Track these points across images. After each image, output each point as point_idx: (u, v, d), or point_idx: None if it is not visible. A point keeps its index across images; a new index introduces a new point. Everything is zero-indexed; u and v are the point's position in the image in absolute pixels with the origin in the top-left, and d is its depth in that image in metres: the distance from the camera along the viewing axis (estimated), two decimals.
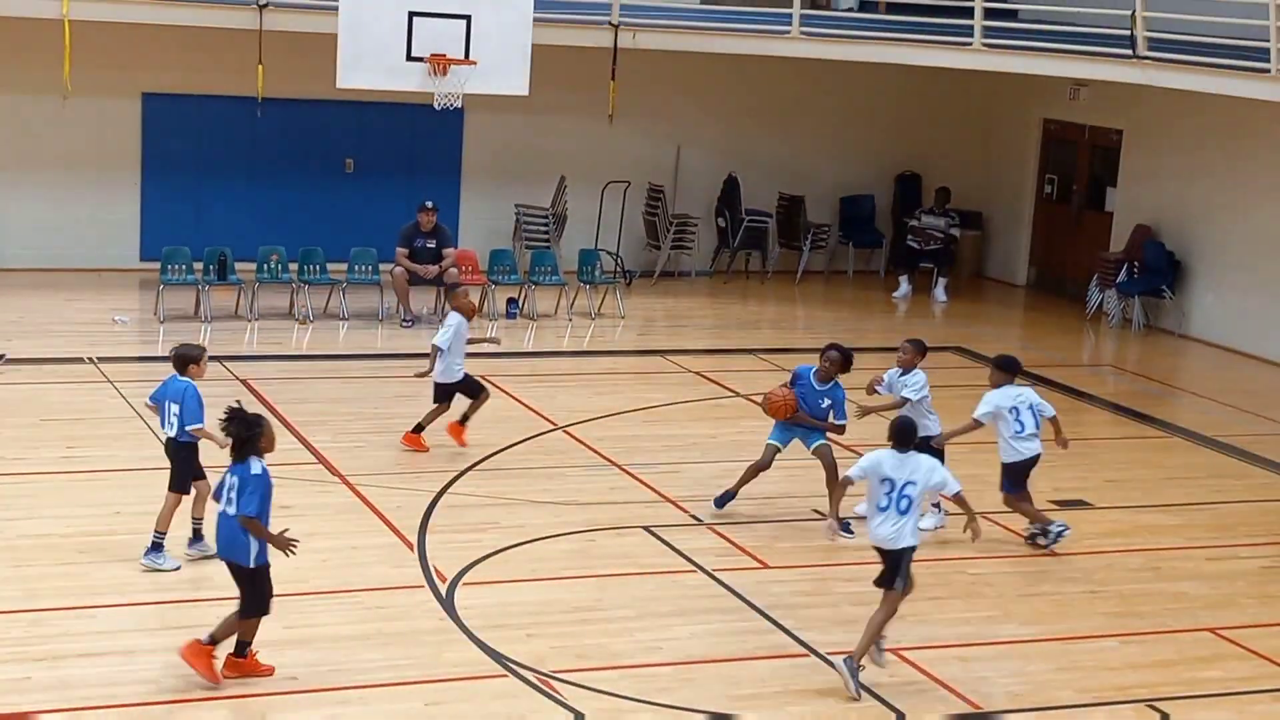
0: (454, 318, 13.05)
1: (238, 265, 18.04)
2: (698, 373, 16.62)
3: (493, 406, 13.68)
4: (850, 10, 22.37)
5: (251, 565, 8.68)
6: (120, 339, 16.91)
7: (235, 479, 8.70)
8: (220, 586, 10.01)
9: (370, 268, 18.59)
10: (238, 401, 9.05)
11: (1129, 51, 17.17)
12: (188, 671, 8.69)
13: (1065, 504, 12.63)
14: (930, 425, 11.52)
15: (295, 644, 9.21)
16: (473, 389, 13.15)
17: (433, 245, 18.06)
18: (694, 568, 10.88)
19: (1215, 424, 15.50)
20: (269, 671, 8.75)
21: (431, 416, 13.10)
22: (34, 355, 15.71)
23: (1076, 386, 16.78)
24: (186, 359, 10.44)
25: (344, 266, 18.54)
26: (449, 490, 12.22)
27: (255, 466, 8.69)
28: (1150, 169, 20.42)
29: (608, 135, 20.50)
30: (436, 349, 12.92)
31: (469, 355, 13.27)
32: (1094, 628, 10.25)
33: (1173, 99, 18.73)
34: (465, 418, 13.17)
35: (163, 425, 10.50)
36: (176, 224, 19.67)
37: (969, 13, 18.35)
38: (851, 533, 11.29)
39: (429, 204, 18.07)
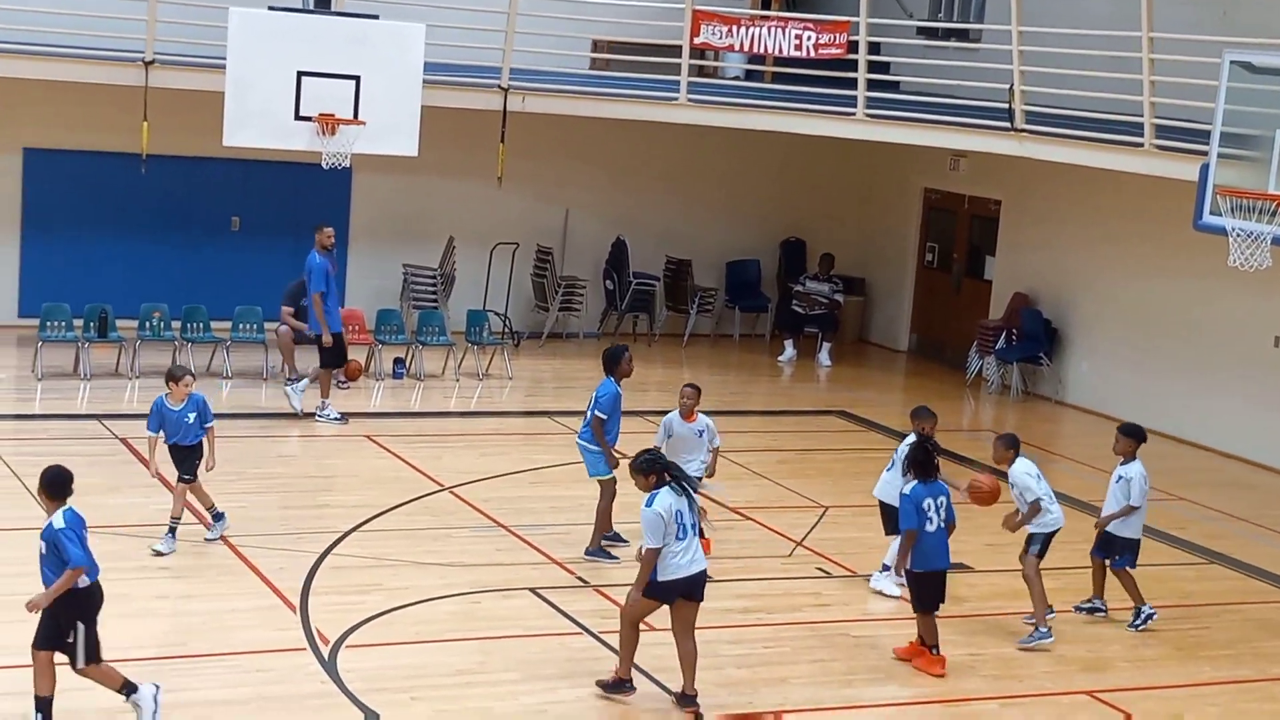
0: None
1: (119, 323, 17.78)
2: None
3: (378, 467, 13.62)
4: (737, 79, 22.70)
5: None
6: None
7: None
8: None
9: (255, 326, 18.42)
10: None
11: (1007, 124, 17.58)
12: None
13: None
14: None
15: (171, 708, 9.04)
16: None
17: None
18: (580, 630, 10.87)
19: (1091, 489, 15.78)
20: None
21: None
22: None
23: (956, 451, 17.01)
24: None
25: (228, 325, 18.35)
26: (332, 551, 12.11)
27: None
28: (1028, 238, 20.89)
29: (497, 197, 20.54)
30: None
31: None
32: (974, 690, 10.38)
33: (1050, 170, 19.21)
34: None
35: (173, 438, 11.90)
36: (57, 280, 19.35)
37: (852, 83, 18.69)
38: (616, 557, 11.89)
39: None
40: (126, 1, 17.98)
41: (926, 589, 10.49)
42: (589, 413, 12.28)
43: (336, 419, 16.18)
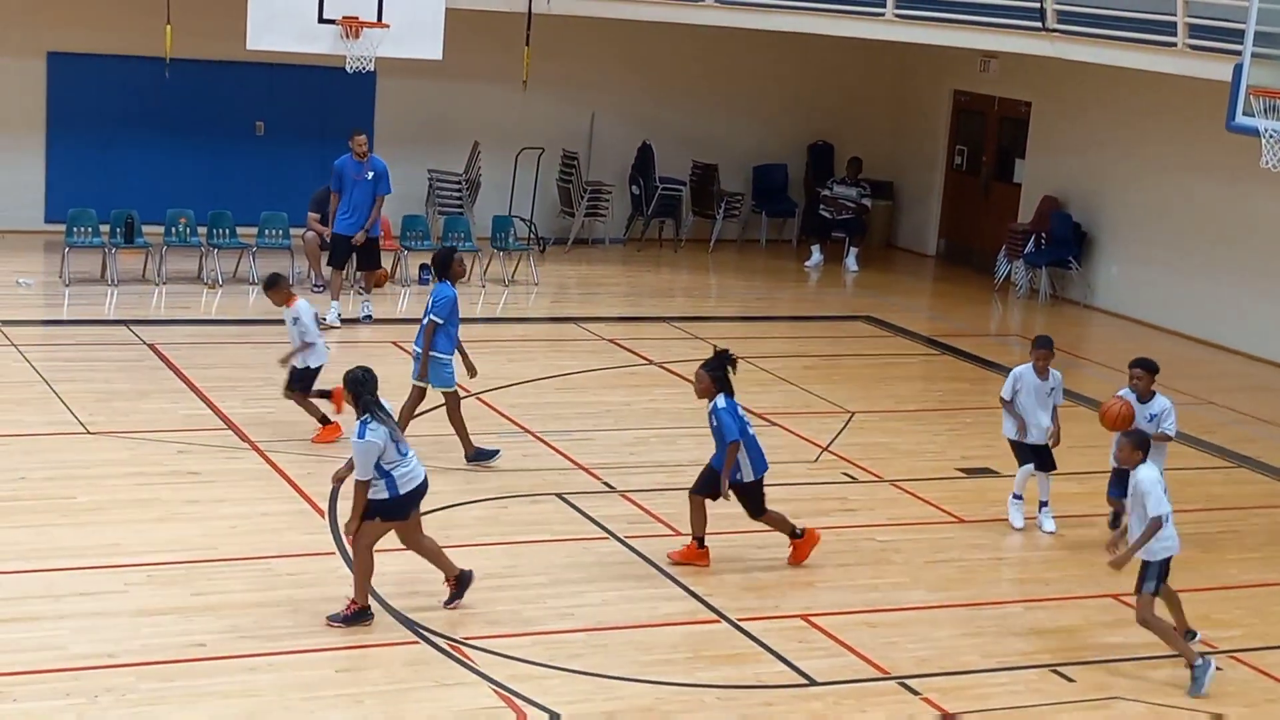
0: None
1: (145, 228, 17.77)
2: (611, 340, 16.64)
3: (405, 372, 13.58)
4: None
5: None
6: (24, 302, 16.63)
7: None
8: (130, 553, 9.93)
9: (281, 232, 18.40)
10: None
11: (1039, 24, 17.33)
12: (96, 637, 8.62)
13: (972, 472, 12.80)
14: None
15: (204, 611, 9.14)
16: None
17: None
18: (606, 535, 10.92)
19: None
20: None
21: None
22: None
23: (983, 356, 16.99)
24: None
25: (254, 230, 18.33)
26: None
27: None
28: (1058, 141, 20.67)
29: (522, 101, 20.40)
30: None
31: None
32: (1000, 594, 10.42)
33: (1081, 72, 18.96)
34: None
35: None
36: (82, 186, 19.34)
37: None
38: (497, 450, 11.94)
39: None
40: None
41: (758, 495, 10.38)
42: (424, 318, 12.03)
43: (335, 324, 16.08)
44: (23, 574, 9.51)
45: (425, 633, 9.11)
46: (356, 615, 9.13)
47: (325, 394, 12.50)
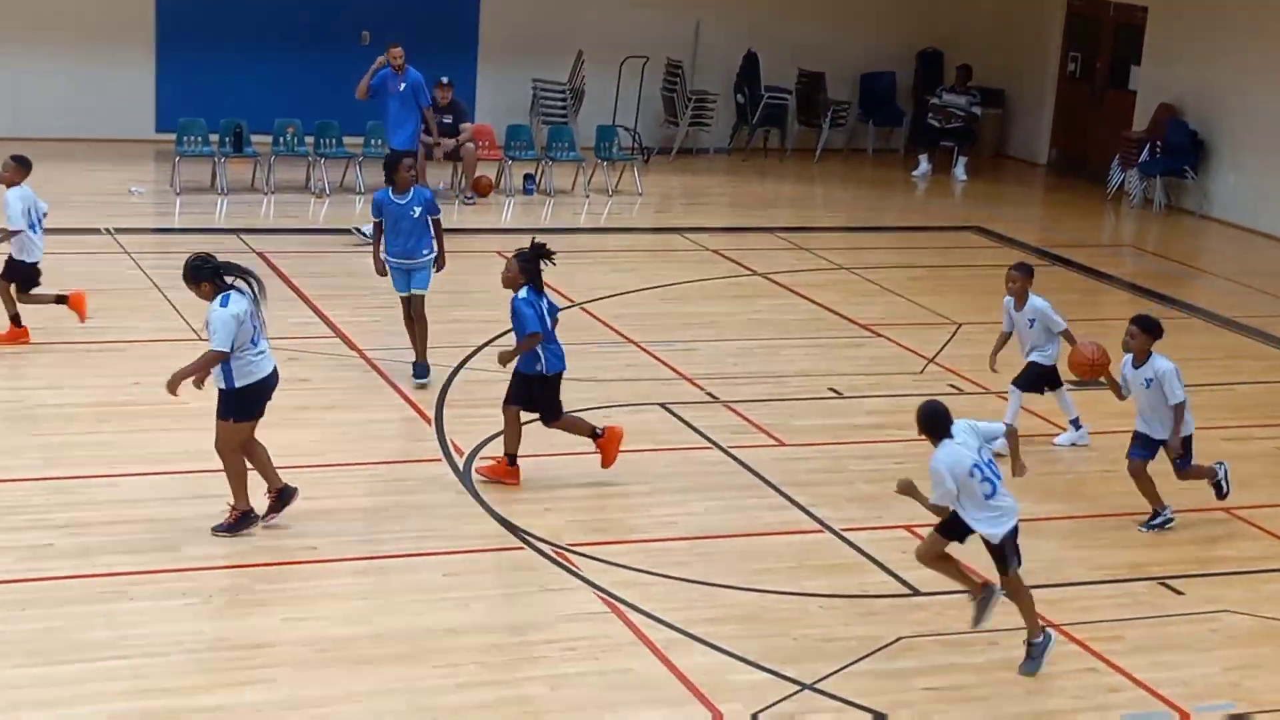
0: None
1: (253, 137, 17.93)
2: (715, 250, 16.57)
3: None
4: None
5: None
6: (136, 210, 16.89)
7: None
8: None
9: (385, 142, 18.43)
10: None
11: None
12: (210, 539, 8.81)
13: (1081, 384, 12.62)
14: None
15: (315, 515, 9.29)
16: None
17: (449, 120, 17.92)
18: (710, 444, 10.92)
19: (1234, 305, 15.45)
20: None
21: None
22: (51, 226, 15.63)
23: (1096, 267, 16.71)
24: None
25: (360, 140, 18.41)
26: (466, 365, 12.25)
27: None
28: (1175, 47, 20.13)
29: (626, 10, 20.24)
30: None
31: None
32: (1109, 507, 10.30)
33: None
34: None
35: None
36: (192, 95, 19.53)
37: None
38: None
39: (444, 80, 17.89)
40: None
41: (554, 393, 10.06)
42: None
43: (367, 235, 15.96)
44: (139, 477, 9.71)
45: (530, 539, 9.19)
46: (240, 521, 8.96)
47: (63, 298, 12.24)
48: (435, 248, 11.75)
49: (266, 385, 8.94)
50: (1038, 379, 11.12)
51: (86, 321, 12.26)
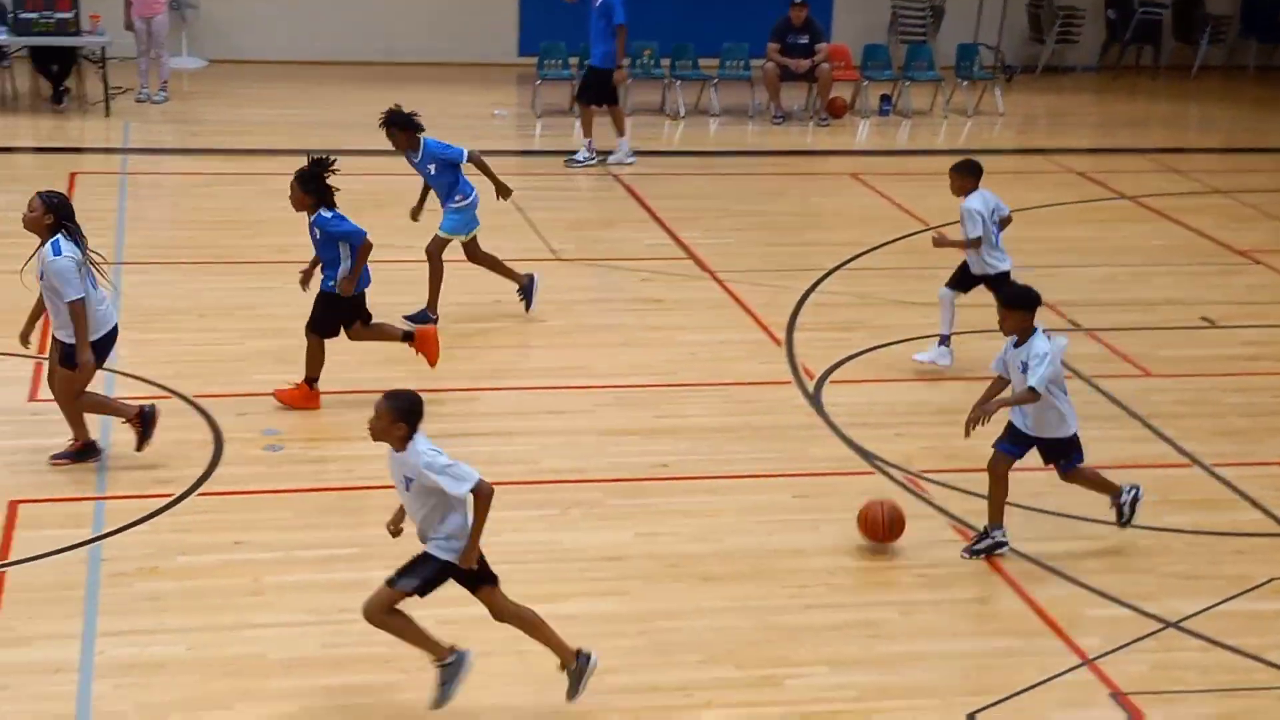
0: None
1: None
2: (1080, 173, 15.94)
3: (864, 205, 13.45)
4: None
5: None
6: (500, 132, 17.34)
7: None
8: (597, 375, 10.25)
9: (742, 63, 18.43)
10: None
11: None
12: (567, 454, 8.98)
13: None
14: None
15: (665, 433, 9.38)
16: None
17: (804, 41, 17.73)
18: (1071, 373, 10.50)
19: None
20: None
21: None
22: None
23: None
24: None
25: (715, 62, 18.43)
26: (817, 289, 12.14)
27: None
28: None
29: None
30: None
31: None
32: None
33: None
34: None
35: None
36: (553, 20, 19.87)
37: None
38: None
39: None
40: None
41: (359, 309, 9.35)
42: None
43: (592, 160, 15.62)
44: (500, 391, 9.99)
45: (881, 464, 9.06)
46: (81, 452, 8.62)
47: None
48: (460, 200, 11.08)
49: (104, 340, 8.53)
50: None
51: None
